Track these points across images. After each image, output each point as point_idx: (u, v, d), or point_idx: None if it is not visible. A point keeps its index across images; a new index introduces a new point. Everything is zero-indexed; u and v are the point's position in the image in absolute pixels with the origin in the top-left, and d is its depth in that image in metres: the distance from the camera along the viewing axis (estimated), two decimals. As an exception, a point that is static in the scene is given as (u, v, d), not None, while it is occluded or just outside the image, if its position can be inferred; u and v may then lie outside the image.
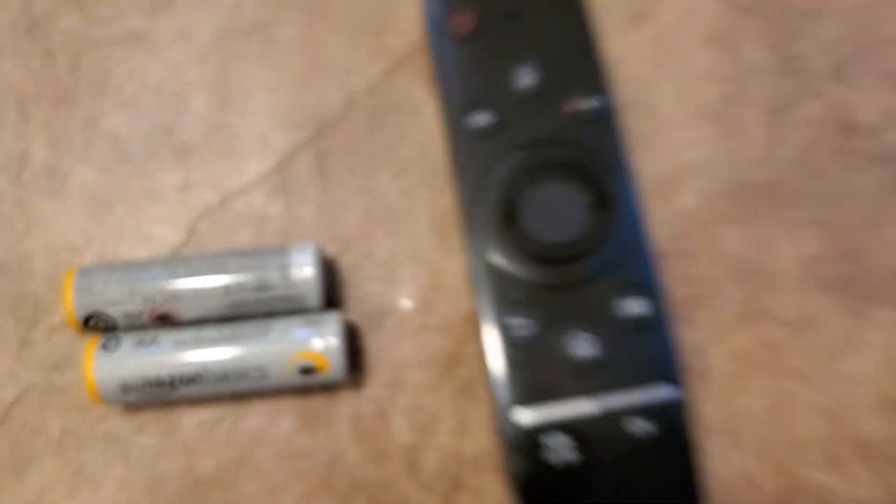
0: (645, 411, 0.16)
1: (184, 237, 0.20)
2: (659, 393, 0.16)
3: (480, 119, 0.18)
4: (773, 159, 0.21)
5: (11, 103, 0.20)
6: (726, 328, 0.20)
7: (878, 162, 0.21)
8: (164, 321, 0.18)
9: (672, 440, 0.16)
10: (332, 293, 0.20)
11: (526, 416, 0.16)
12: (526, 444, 0.16)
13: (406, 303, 0.20)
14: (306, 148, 0.21)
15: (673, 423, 0.16)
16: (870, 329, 0.20)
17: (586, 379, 0.16)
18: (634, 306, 0.17)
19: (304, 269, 0.18)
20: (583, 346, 0.16)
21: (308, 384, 0.18)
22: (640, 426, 0.16)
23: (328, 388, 0.19)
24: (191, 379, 0.18)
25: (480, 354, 0.18)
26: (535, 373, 0.16)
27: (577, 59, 0.18)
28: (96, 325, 0.18)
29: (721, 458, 0.19)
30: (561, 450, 0.16)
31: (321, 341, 0.18)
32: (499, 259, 0.17)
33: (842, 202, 0.21)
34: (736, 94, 0.21)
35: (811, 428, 0.20)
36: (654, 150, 0.20)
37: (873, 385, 0.20)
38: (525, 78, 0.18)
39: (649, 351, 0.17)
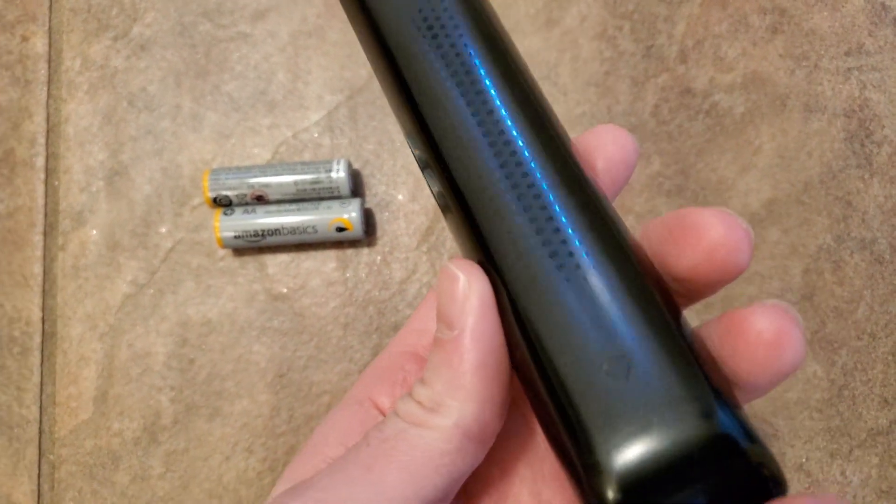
0: None
1: (270, 155, 0.33)
2: None
3: None
4: (634, 112, 0.32)
5: (171, 76, 0.34)
6: (598, 215, 0.32)
7: (705, 114, 0.32)
8: (260, 200, 0.31)
9: None
10: (356, 189, 0.32)
11: None
12: None
13: (400, 197, 0.32)
14: (344, 104, 0.33)
15: None
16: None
17: None
18: None
19: (340, 173, 0.31)
20: None
21: (341, 239, 0.31)
22: None
23: (353, 243, 0.32)
24: (273, 232, 0.31)
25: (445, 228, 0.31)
26: None
27: None
28: (220, 202, 0.31)
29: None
30: None
31: (348, 212, 0.31)
32: None
33: (679, 139, 0.32)
34: (612, 70, 0.33)
35: (651, 279, 0.31)
36: (556, 105, 0.32)
37: (694, 254, 0.32)
38: None
39: None
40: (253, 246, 0.31)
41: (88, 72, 0.34)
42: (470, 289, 0.14)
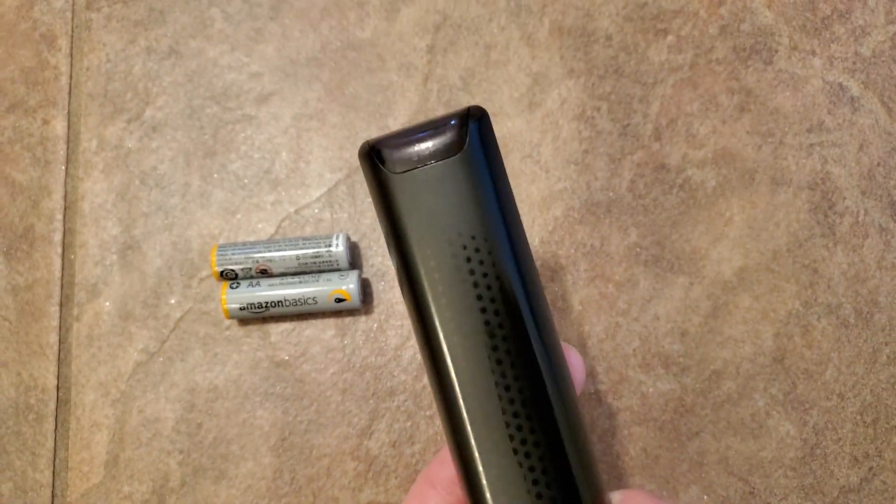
0: None
1: (274, 230, 0.35)
2: None
3: None
4: (612, 187, 0.35)
5: (181, 156, 0.36)
6: (579, 284, 0.34)
7: (678, 188, 0.35)
8: (264, 273, 0.33)
9: None
10: (354, 260, 0.35)
11: None
12: None
13: (396, 267, 0.35)
14: (343, 182, 0.36)
15: None
16: (668, 288, 0.34)
17: None
18: None
19: (339, 247, 0.33)
20: None
21: (339, 309, 0.33)
22: None
23: (351, 312, 0.34)
24: (276, 304, 0.33)
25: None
26: None
27: None
28: (227, 275, 0.34)
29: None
30: None
31: (347, 284, 0.33)
32: None
33: (654, 212, 0.35)
34: (591, 149, 0.35)
35: (631, 345, 0.34)
36: (538, 182, 0.35)
37: (670, 322, 0.34)
38: None
39: None
40: (257, 316, 0.33)
41: (104, 152, 0.37)
42: None
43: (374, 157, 0.17)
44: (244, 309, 0.33)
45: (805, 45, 0.36)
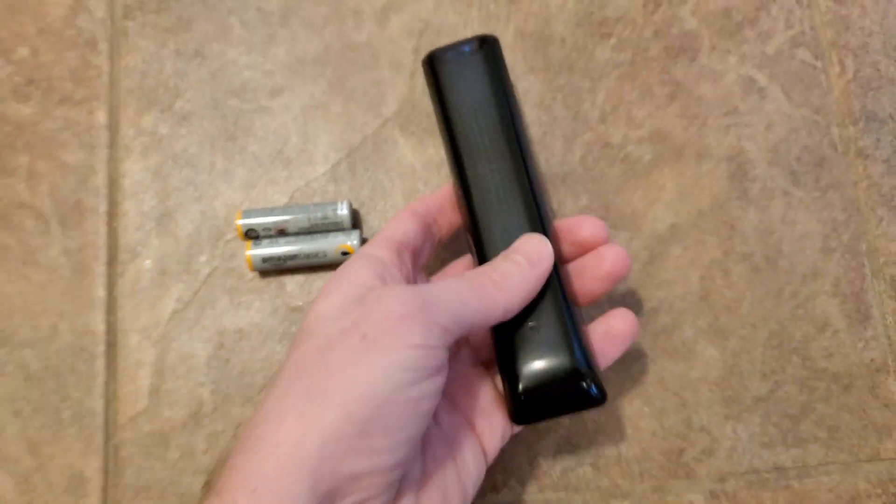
0: None
1: (287, 199, 0.42)
2: None
3: None
4: (566, 162, 0.42)
5: (207, 141, 0.43)
6: (542, 239, 0.41)
7: (620, 161, 0.42)
8: (282, 233, 0.40)
9: None
10: (355, 223, 0.42)
11: None
12: None
13: (390, 228, 0.42)
14: (344, 160, 0.43)
15: None
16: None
17: None
18: None
19: (343, 211, 0.40)
20: None
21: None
22: None
23: (353, 265, 0.41)
24: (293, 257, 0.40)
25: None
26: None
27: None
28: (250, 234, 0.40)
29: (540, 301, 0.40)
30: None
31: (351, 240, 0.40)
32: None
33: (601, 181, 0.42)
34: (549, 131, 0.43)
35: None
36: (508, 157, 0.42)
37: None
38: None
39: None
40: (276, 268, 0.40)
41: (141, 137, 0.43)
42: (548, 252, 0.31)
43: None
44: (266, 261, 0.40)
45: (722, 46, 0.44)
